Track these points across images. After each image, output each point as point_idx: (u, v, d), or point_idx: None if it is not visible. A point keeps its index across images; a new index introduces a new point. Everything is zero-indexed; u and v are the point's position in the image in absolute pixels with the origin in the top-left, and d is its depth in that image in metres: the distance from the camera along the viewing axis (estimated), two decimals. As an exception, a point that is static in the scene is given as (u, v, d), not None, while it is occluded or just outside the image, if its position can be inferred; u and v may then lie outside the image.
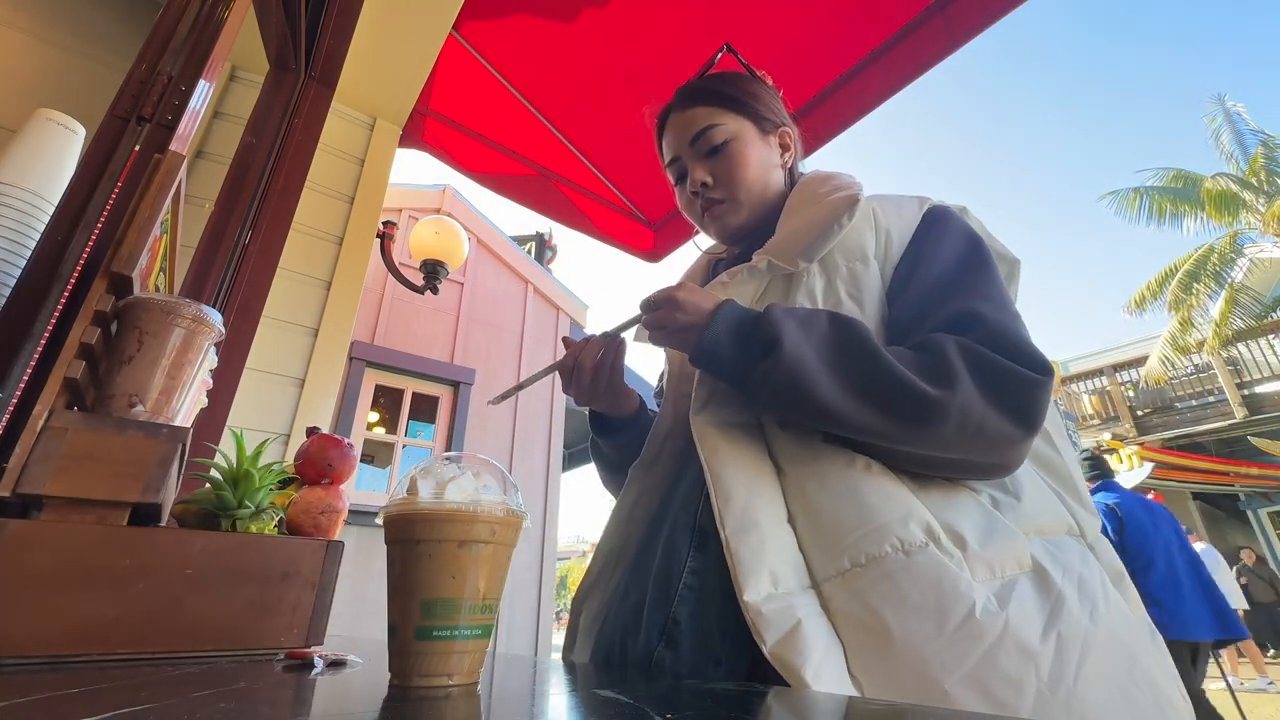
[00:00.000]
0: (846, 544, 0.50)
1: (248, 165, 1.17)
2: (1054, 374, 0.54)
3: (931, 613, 0.46)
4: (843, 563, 0.49)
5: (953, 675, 0.43)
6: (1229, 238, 9.76)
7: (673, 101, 0.79)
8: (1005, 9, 1.44)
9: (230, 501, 0.54)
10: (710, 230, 0.78)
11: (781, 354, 0.52)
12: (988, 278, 0.60)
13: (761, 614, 0.47)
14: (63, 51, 1.30)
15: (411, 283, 2.72)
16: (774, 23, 1.67)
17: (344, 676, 0.42)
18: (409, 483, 0.38)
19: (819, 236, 0.63)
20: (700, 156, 0.74)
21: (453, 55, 1.93)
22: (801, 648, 0.45)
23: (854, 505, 0.52)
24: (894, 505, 0.51)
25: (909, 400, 0.50)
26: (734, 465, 0.56)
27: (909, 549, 0.48)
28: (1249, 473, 9.11)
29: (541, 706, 0.35)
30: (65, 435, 0.45)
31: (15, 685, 0.34)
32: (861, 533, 0.50)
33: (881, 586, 0.47)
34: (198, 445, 0.67)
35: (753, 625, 0.47)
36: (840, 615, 0.48)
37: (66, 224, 0.62)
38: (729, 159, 0.73)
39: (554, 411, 4.87)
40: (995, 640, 0.44)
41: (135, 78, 0.72)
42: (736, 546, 0.51)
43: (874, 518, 0.50)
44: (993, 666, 0.44)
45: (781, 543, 0.52)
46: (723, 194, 0.73)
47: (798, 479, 0.55)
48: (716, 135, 0.73)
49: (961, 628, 0.45)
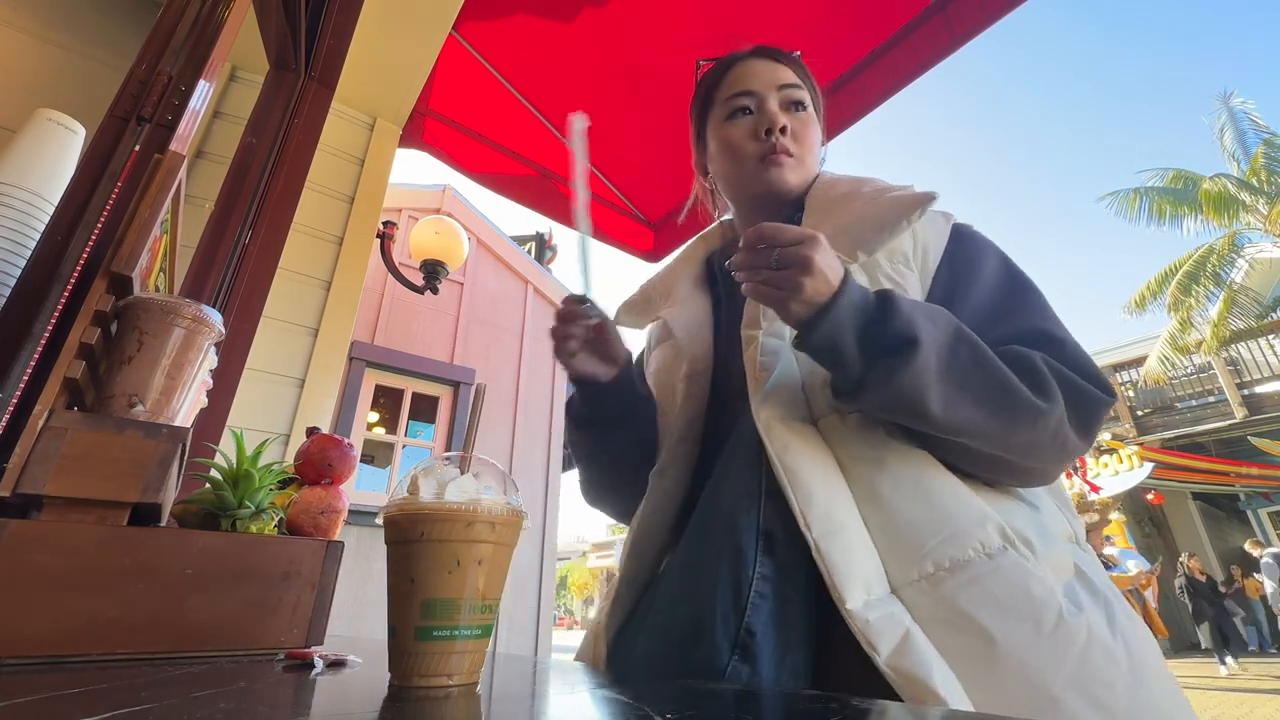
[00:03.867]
0: (928, 548, 0.48)
1: (248, 165, 1.17)
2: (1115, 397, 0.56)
3: (1027, 616, 0.44)
4: (925, 567, 0.47)
5: (1057, 679, 0.42)
6: (1228, 238, 9.77)
7: (752, 50, 0.77)
8: (1005, 9, 1.44)
9: (230, 501, 0.54)
10: (765, 174, 0.71)
11: (917, 354, 0.49)
12: (1042, 299, 0.61)
13: (870, 623, 0.45)
14: (63, 51, 1.30)
15: (411, 283, 2.72)
16: (774, 23, 1.68)
17: (344, 676, 0.42)
18: (409, 483, 0.38)
19: (884, 231, 0.61)
20: (785, 105, 0.72)
21: (453, 55, 1.93)
22: (921, 657, 0.43)
23: (930, 507, 0.50)
24: (969, 508, 0.50)
25: (1021, 409, 0.50)
26: (808, 462, 0.53)
27: (991, 552, 0.47)
28: (1249, 473, 9.12)
29: (541, 706, 0.35)
30: (65, 435, 0.45)
31: (15, 685, 0.34)
32: (942, 536, 0.48)
33: (970, 591, 0.46)
34: (198, 445, 0.67)
35: (861, 635, 0.44)
36: (931, 622, 0.46)
37: (66, 224, 0.62)
38: (805, 123, 0.72)
39: (554, 411, 4.87)
40: (1085, 642, 0.44)
41: (135, 78, 0.72)
42: (828, 549, 0.48)
43: (952, 520, 0.49)
44: (1090, 668, 0.43)
45: (867, 546, 0.50)
46: (795, 149, 0.71)
47: (866, 478, 0.53)
48: (801, 96, 0.72)
49: (1057, 630, 0.44)
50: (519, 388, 4.75)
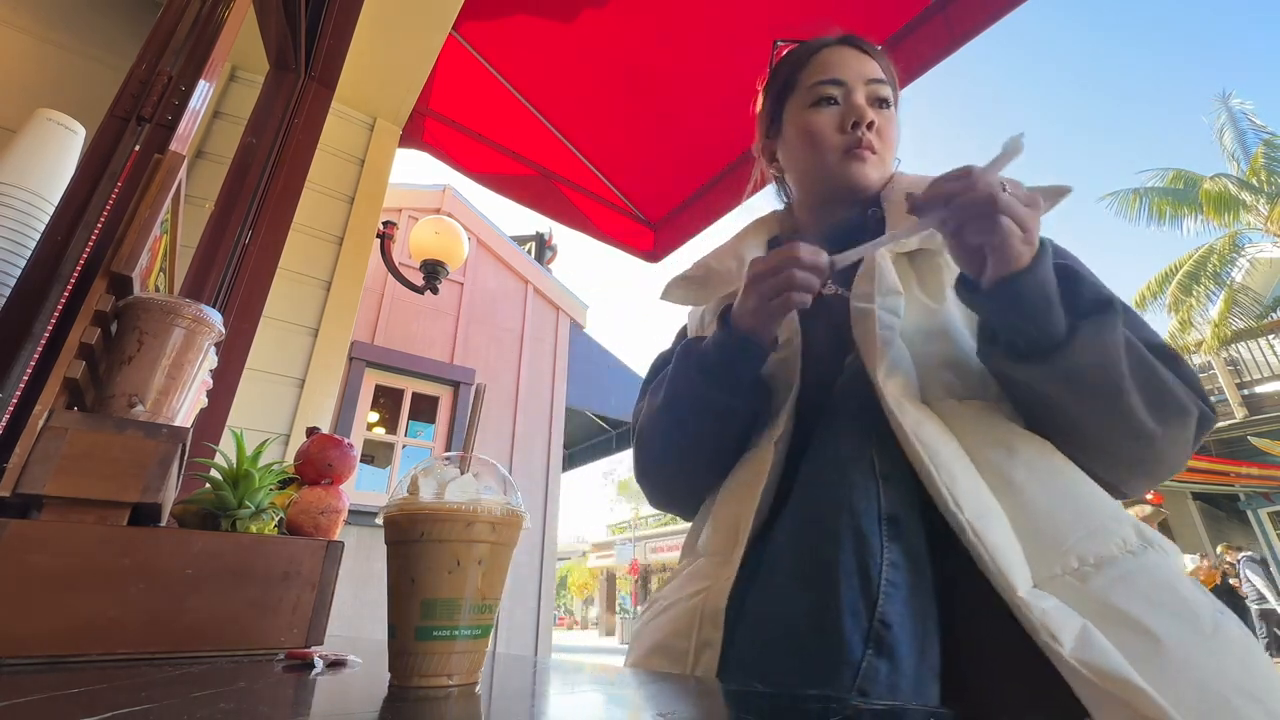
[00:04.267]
0: (1071, 541, 0.45)
1: (248, 165, 1.17)
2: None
3: (1185, 617, 0.42)
4: (1069, 561, 0.45)
5: (1225, 683, 0.40)
6: (1228, 238, 9.78)
7: (841, 37, 0.74)
8: (1005, 8, 1.44)
9: (230, 501, 0.54)
10: (848, 168, 0.68)
11: (1116, 316, 0.47)
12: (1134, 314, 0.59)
13: (1048, 613, 0.41)
14: (63, 51, 1.30)
15: (411, 283, 2.72)
16: (775, 22, 1.67)
17: (344, 676, 0.42)
18: (409, 482, 0.38)
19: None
20: (873, 99, 0.69)
21: (453, 55, 1.93)
22: (1104, 650, 0.39)
23: (1066, 499, 0.48)
24: (1104, 502, 0.48)
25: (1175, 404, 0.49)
26: (943, 442, 0.50)
27: (1133, 550, 0.45)
28: (1249, 473, 9.12)
29: (541, 706, 0.35)
30: (65, 435, 0.45)
31: (15, 685, 0.34)
32: (1085, 530, 0.46)
33: (1122, 589, 0.43)
34: (198, 445, 0.67)
35: (1040, 627, 0.41)
36: (1089, 617, 0.42)
37: (66, 224, 0.62)
38: (889, 120, 0.70)
39: (554, 411, 4.87)
40: (1244, 647, 0.42)
41: (135, 78, 0.72)
42: (984, 531, 0.44)
43: (1092, 514, 0.47)
44: (1254, 676, 0.41)
45: (1011, 533, 0.46)
46: (879, 146, 0.68)
47: (997, 465, 0.49)
48: (887, 93, 0.70)
49: (1217, 633, 0.42)
50: (519, 388, 4.75)
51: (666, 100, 1.96)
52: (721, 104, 1.89)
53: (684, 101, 1.96)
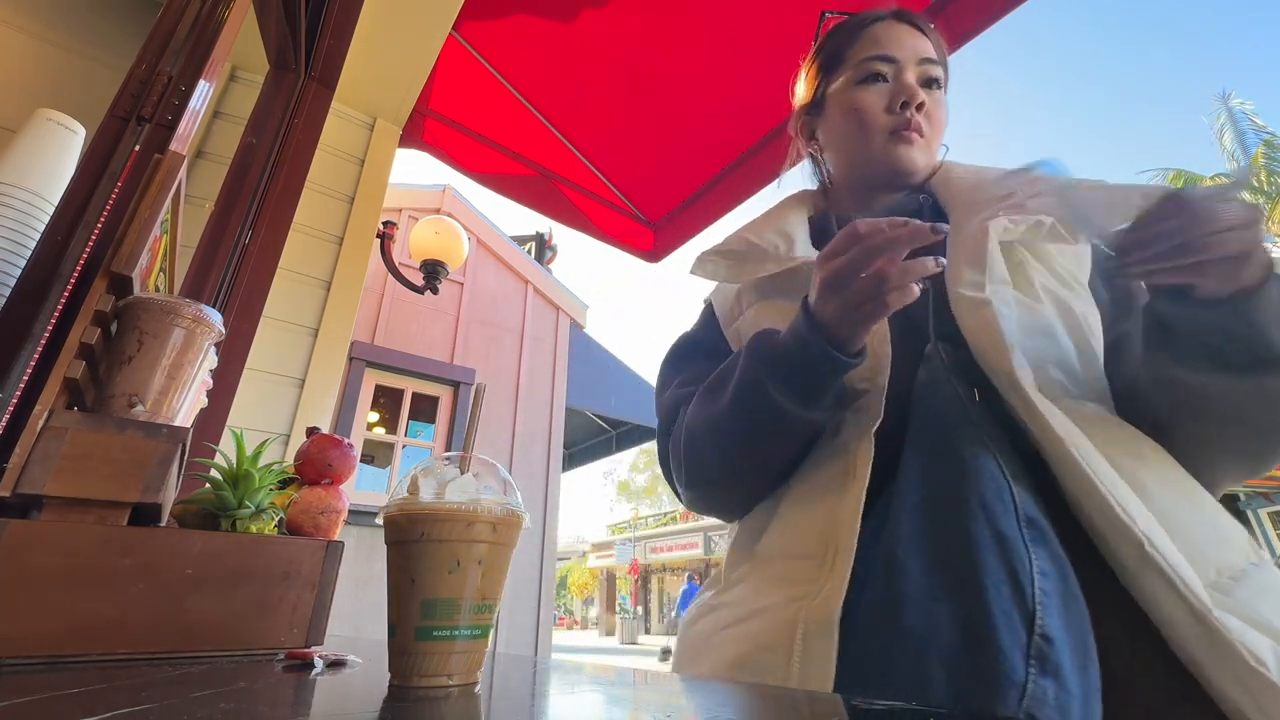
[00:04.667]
0: (1210, 553, 0.43)
1: (248, 165, 1.17)
2: None
3: None
4: (1209, 573, 0.42)
5: None
6: (1229, 238, 9.76)
7: (893, 12, 0.70)
8: (1005, 8, 1.45)
9: (230, 501, 0.54)
10: (894, 150, 0.65)
11: None
12: None
13: (1246, 633, 0.38)
14: (63, 51, 1.30)
15: (411, 283, 2.72)
16: (774, 22, 1.67)
17: (344, 676, 0.42)
18: (409, 482, 0.38)
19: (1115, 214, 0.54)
20: (924, 79, 0.66)
21: (453, 55, 1.93)
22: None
23: (1198, 509, 0.46)
24: (1224, 513, 0.46)
25: None
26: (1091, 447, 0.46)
27: (1256, 563, 0.44)
28: (1249, 473, 9.10)
29: (541, 706, 0.35)
30: (65, 435, 0.45)
31: (15, 685, 0.34)
32: (1218, 541, 0.44)
33: (1265, 602, 0.41)
34: (198, 445, 0.67)
35: (1240, 647, 0.37)
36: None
37: (66, 224, 0.62)
38: (938, 103, 0.67)
39: (554, 411, 4.87)
40: None
41: (135, 78, 0.72)
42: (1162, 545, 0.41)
43: (1218, 525, 0.45)
44: None
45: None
46: (927, 129, 0.65)
47: (1130, 470, 0.46)
48: (939, 74, 0.67)
49: None
50: (519, 388, 4.75)
51: (666, 100, 1.96)
52: (721, 104, 1.89)
53: (684, 101, 1.96)
